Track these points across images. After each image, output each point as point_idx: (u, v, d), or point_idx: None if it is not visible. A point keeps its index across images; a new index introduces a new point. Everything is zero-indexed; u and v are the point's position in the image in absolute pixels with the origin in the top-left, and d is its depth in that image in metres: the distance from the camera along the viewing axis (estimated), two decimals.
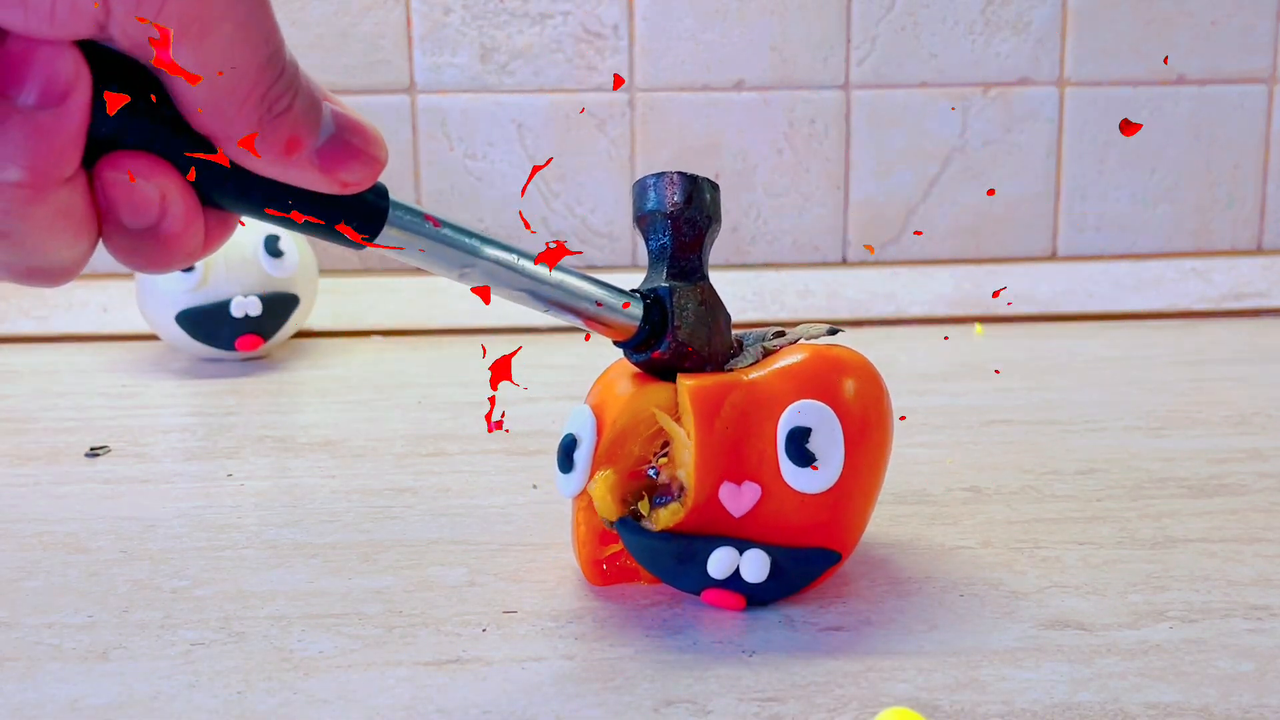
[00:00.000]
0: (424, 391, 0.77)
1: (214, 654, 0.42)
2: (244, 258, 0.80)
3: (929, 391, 0.76)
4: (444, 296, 0.93)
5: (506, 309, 0.94)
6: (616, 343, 0.45)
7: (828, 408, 0.44)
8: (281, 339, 0.84)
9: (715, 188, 0.47)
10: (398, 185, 0.94)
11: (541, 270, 0.41)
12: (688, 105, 0.95)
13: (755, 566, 0.44)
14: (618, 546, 0.46)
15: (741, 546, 0.44)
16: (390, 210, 0.36)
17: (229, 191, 0.32)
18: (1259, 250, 1.00)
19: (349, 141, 0.32)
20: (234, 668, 0.41)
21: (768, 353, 0.47)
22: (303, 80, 0.31)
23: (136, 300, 0.83)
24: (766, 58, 0.94)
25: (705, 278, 0.46)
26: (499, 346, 0.82)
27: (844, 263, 0.98)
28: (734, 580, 0.44)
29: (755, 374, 0.45)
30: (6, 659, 0.42)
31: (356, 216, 0.35)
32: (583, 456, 0.45)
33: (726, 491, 0.44)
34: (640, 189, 0.46)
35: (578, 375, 0.71)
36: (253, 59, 0.30)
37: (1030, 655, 0.41)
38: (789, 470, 0.43)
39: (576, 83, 0.94)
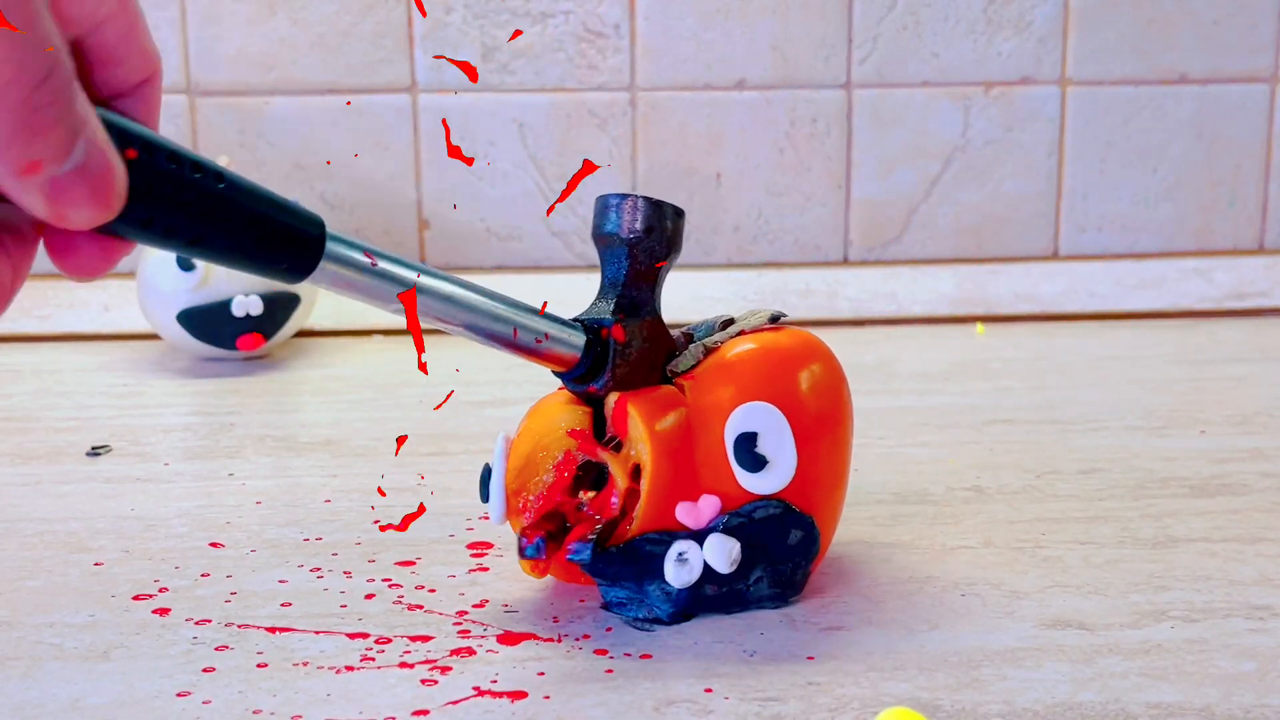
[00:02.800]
0: (424, 391, 0.77)
1: (214, 654, 0.42)
2: None
3: (930, 391, 0.76)
4: None
5: None
6: (555, 371, 0.44)
7: (772, 407, 0.43)
8: (283, 338, 0.84)
9: (680, 215, 0.45)
10: (399, 185, 0.94)
11: (481, 302, 0.41)
12: (689, 104, 0.95)
13: (720, 550, 0.43)
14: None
15: (699, 538, 0.43)
16: (326, 246, 0.36)
17: (131, 221, 0.31)
18: (1261, 250, 1.00)
19: (88, 181, 0.30)
20: (234, 667, 0.41)
21: (709, 350, 0.45)
22: (76, 107, 0.29)
23: (138, 300, 0.83)
24: (768, 57, 0.94)
25: (654, 311, 0.45)
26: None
27: (845, 262, 0.98)
28: (714, 580, 0.43)
29: (695, 381, 0.44)
30: (8, 658, 0.42)
31: (290, 252, 0.35)
32: (495, 486, 0.44)
33: (683, 510, 0.43)
34: (602, 207, 0.45)
35: None
36: (18, 82, 0.28)
37: (1032, 655, 0.41)
38: (743, 477, 0.43)
39: (578, 82, 0.94)
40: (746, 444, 0.43)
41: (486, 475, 0.44)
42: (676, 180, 0.95)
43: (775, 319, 0.47)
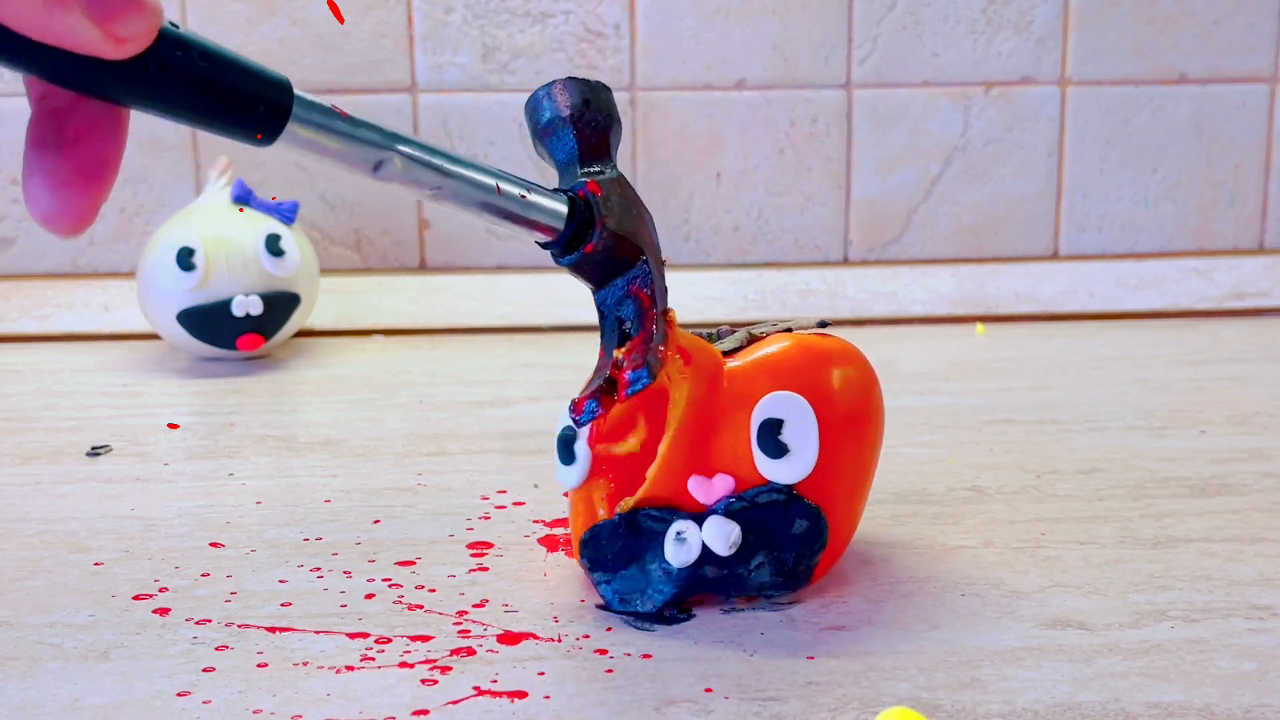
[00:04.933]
0: (424, 391, 0.77)
1: (214, 654, 0.42)
2: (245, 257, 0.80)
3: (929, 391, 0.75)
4: (444, 296, 0.93)
5: (509, 311, 0.93)
6: (544, 245, 0.43)
7: (802, 399, 0.44)
8: (283, 338, 0.84)
9: (607, 89, 0.45)
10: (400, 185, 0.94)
11: (458, 168, 0.40)
12: (689, 104, 0.95)
13: (718, 532, 0.43)
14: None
15: (699, 519, 0.43)
16: (294, 106, 0.35)
17: (79, 77, 0.30)
18: (1261, 250, 1.00)
19: None
20: (234, 667, 0.41)
21: (754, 339, 0.46)
22: None
23: (137, 299, 0.83)
24: (768, 57, 0.94)
25: (620, 175, 0.44)
26: (503, 346, 0.81)
27: (845, 262, 0.98)
28: (713, 563, 0.44)
29: (733, 364, 0.45)
30: (8, 658, 0.42)
31: (256, 112, 0.34)
32: (583, 448, 0.45)
33: (695, 484, 0.44)
34: (533, 104, 0.45)
35: (579, 374, 0.71)
36: None
37: (1032, 655, 0.41)
38: (763, 462, 0.43)
39: None
40: (771, 430, 0.43)
41: (568, 437, 0.45)
42: (676, 180, 0.95)
43: (823, 324, 0.48)
